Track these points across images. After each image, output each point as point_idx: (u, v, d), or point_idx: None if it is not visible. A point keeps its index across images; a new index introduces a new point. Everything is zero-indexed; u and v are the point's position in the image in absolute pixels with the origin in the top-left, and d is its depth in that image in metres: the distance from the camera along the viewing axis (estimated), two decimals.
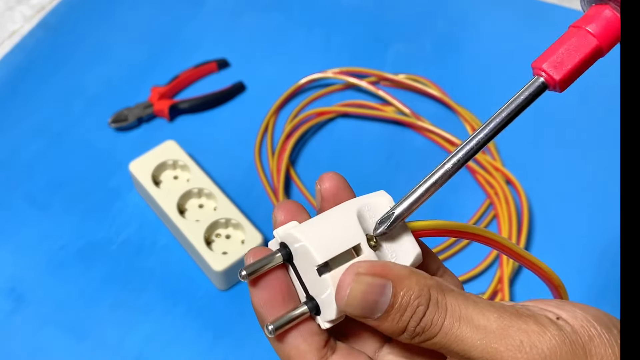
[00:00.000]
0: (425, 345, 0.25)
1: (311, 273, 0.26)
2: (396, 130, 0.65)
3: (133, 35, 0.74)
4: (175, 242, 0.57)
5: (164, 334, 0.52)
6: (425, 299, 0.25)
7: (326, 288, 0.26)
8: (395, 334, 0.25)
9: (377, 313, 0.25)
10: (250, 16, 0.76)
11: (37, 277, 0.55)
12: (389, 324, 0.25)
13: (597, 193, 0.60)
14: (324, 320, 0.27)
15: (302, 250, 0.26)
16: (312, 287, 0.27)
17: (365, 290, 0.25)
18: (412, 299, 0.25)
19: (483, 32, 0.74)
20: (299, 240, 0.26)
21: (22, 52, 0.72)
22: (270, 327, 0.26)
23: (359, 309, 0.25)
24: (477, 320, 0.24)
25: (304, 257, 0.26)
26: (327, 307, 0.26)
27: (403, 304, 0.25)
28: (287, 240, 0.27)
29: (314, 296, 0.27)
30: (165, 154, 0.59)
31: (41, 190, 0.61)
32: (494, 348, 0.24)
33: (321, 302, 0.26)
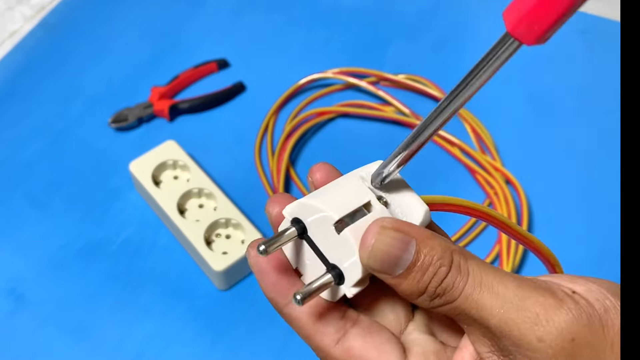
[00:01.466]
0: (443, 310, 0.25)
1: (329, 237, 0.26)
2: (396, 130, 0.65)
3: (133, 35, 0.74)
4: (175, 242, 0.58)
5: (164, 333, 0.52)
6: (448, 261, 0.25)
7: (347, 245, 0.26)
8: (414, 295, 0.25)
9: (399, 269, 0.25)
10: (250, 16, 0.76)
11: (38, 277, 0.55)
12: (409, 282, 0.25)
13: (597, 193, 0.60)
14: (348, 285, 0.26)
15: (316, 216, 0.26)
16: (332, 252, 0.26)
17: (389, 244, 0.25)
18: (435, 259, 0.25)
19: (482, 32, 0.74)
20: (311, 206, 0.26)
21: (22, 52, 0.72)
22: (299, 296, 0.25)
23: (381, 263, 0.25)
24: (497, 288, 0.24)
25: (320, 222, 0.26)
26: (351, 269, 0.26)
27: (425, 263, 0.25)
28: (298, 213, 0.27)
29: (335, 264, 0.26)
30: (165, 154, 0.59)
31: (41, 190, 0.61)
32: (511, 319, 0.24)
33: (344, 266, 0.26)
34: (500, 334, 0.24)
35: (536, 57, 0.71)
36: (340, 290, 0.26)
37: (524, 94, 0.68)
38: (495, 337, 0.24)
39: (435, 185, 0.61)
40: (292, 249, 0.28)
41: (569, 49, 0.71)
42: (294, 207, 0.27)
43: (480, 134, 0.64)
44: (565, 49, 0.71)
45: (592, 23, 0.74)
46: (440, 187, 0.61)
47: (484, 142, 0.63)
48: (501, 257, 0.55)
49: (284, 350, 0.51)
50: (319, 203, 0.26)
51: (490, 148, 0.63)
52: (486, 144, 0.63)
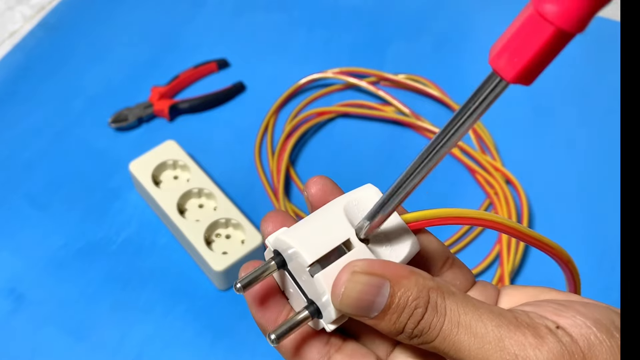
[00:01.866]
0: (423, 347, 0.25)
1: (305, 275, 0.26)
2: (396, 130, 0.65)
3: (133, 35, 0.74)
4: (175, 242, 0.58)
5: (163, 333, 0.52)
6: (424, 301, 0.25)
7: (320, 289, 0.26)
8: (392, 334, 0.25)
9: (374, 312, 0.25)
10: (250, 16, 0.76)
11: (37, 277, 0.55)
12: (385, 323, 0.25)
13: (597, 193, 0.60)
14: (326, 322, 0.26)
15: (293, 254, 0.26)
16: (309, 289, 0.26)
17: (360, 290, 0.25)
18: (410, 300, 0.24)
19: (482, 31, 0.74)
20: (288, 244, 0.26)
21: (22, 52, 0.72)
22: (273, 336, 0.25)
23: (354, 308, 0.25)
24: (476, 327, 0.24)
25: (296, 260, 0.26)
26: (326, 308, 0.26)
27: (400, 305, 0.24)
28: (278, 247, 0.27)
29: (313, 299, 0.26)
30: (165, 153, 0.59)
31: (41, 190, 0.61)
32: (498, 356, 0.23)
33: (320, 304, 0.26)
34: None
35: None
36: (320, 322, 0.27)
37: (523, 94, 0.68)
38: None
39: (435, 185, 0.61)
40: (279, 274, 0.28)
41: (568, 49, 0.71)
42: (274, 239, 0.27)
43: (480, 134, 0.64)
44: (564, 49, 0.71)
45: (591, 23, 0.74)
46: (440, 188, 0.61)
47: (484, 142, 0.63)
48: (501, 256, 0.55)
49: None
50: (295, 243, 0.26)
51: (490, 148, 0.63)
52: (486, 144, 0.63)
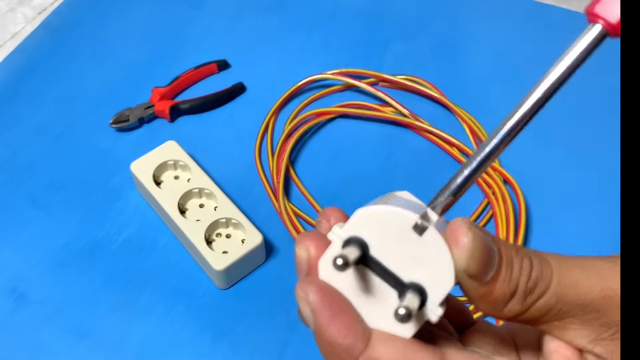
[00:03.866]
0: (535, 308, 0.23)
1: (404, 246, 0.22)
2: (395, 130, 0.66)
3: (134, 36, 0.74)
4: (175, 241, 0.58)
5: (164, 333, 0.53)
6: (525, 252, 0.23)
7: (433, 249, 0.22)
8: (504, 300, 0.23)
9: (491, 271, 0.22)
10: (250, 18, 0.76)
11: (38, 277, 0.56)
12: (500, 285, 0.22)
13: (596, 193, 0.61)
14: (435, 304, 0.22)
15: (385, 226, 0.22)
16: (407, 267, 0.22)
17: (482, 242, 0.22)
18: (514, 254, 0.22)
19: (481, 33, 0.74)
20: (380, 213, 0.22)
21: (23, 53, 0.73)
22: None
23: (480, 262, 0.22)
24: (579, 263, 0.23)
25: (390, 231, 0.22)
26: (437, 281, 0.22)
27: (509, 259, 0.22)
28: (356, 230, 0.23)
29: (409, 282, 0.22)
30: (166, 154, 0.60)
31: (43, 190, 0.61)
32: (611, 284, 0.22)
33: (426, 278, 0.22)
34: (606, 305, 0.22)
35: (535, 58, 0.71)
36: (422, 314, 0.22)
37: (522, 94, 0.68)
38: (599, 314, 0.22)
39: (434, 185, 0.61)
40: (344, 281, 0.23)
41: None
42: (353, 223, 0.23)
43: (479, 134, 0.64)
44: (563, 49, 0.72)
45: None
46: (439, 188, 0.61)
47: (482, 142, 0.64)
48: None
49: (284, 349, 0.52)
50: (392, 207, 0.22)
51: None
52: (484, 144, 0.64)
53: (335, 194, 0.61)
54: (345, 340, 0.22)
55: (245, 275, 0.56)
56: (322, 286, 0.23)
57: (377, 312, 0.23)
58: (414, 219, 0.22)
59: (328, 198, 0.60)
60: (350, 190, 0.61)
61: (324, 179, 0.62)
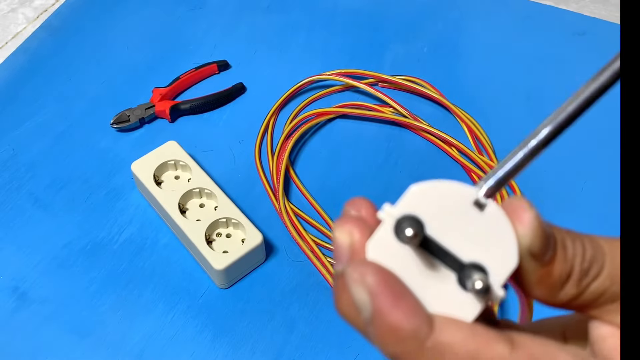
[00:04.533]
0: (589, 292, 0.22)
1: (463, 224, 0.21)
2: (394, 131, 0.66)
3: (135, 37, 0.74)
4: (176, 241, 0.58)
5: (165, 331, 0.53)
6: (577, 234, 0.22)
7: (496, 228, 0.21)
8: (561, 281, 0.22)
9: (550, 249, 0.22)
10: (250, 18, 0.76)
11: (40, 276, 0.56)
12: (557, 266, 0.22)
13: (596, 194, 0.61)
14: (499, 283, 0.21)
15: (443, 202, 0.21)
16: (467, 246, 0.21)
17: (541, 218, 0.21)
18: (566, 235, 0.22)
19: (480, 33, 0.75)
20: (436, 188, 0.21)
21: (25, 53, 0.73)
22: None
23: (543, 239, 0.21)
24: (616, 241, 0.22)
25: (449, 207, 0.21)
26: (499, 259, 0.21)
27: (563, 240, 0.22)
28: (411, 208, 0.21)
29: (470, 262, 0.21)
30: (166, 154, 0.60)
31: (44, 190, 0.61)
32: None
33: (488, 257, 0.21)
34: None
35: (534, 58, 0.71)
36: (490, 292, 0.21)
37: (521, 94, 0.69)
38: None
39: None
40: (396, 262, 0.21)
41: (567, 51, 0.72)
42: (407, 200, 0.21)
43: (477, 135, 0.64)
44: (562, 50, 0.72)
45: (589, 24, 0.75)
46: None
47: (481, 142, 0.64)
48: None
49: (284, 348, 0.52)
50: (447, 182, 0.21)
51: (487, 148, 0.63)
52: (483, 145, 0.64)
53: (335, 193, 0.61)
54: (411, 324, 0.20)
55: (245, 275, 0.56)
56: (379, 268, 0.21)
57: (435, 296, 0.21)
58: (474, 194, 0.21)
59: (328, 198, 0.61)
60: (350, 190, 0.61)
61: (324, 179, 0.62)
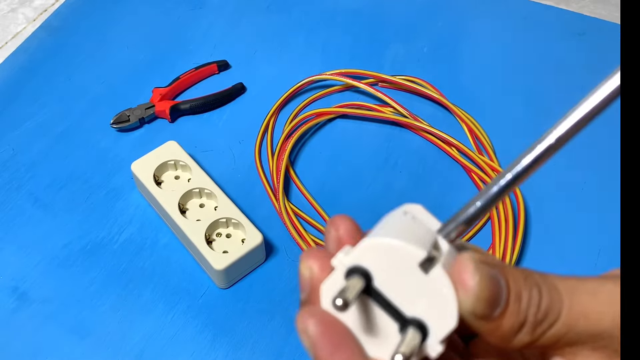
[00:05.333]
0: (545, 338, 0.22)
1: (409, 281, 0.22)
2: (394, 131, 0.66)
3: (135, 37, 0.74)
4: (176, 241, 0.58)
5: (165, 331, 0.53)
6: (534, 282, 0.22)
7: (437, 287, 0.22)
8: (513, 332, 0.22)
9: (499, 307, 0.22)
10: (250, 18, 0.76)
11: (40, 276, 0.56)
12: (508, 319, 0.22)
13: (595, 194, 0.61)
14: (436, 341, 0.22)
15: (390, 259, 0.22)
16: (410, 301, 0.22)
17: (490, 281, 0.21)
18: (523, 284, 0.22)
19: (479, 34, 0.75)
20: (386, 246, 0.22)
21: (25, 53, 0.73)
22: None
23: (486, 303, 0.21)
24: (588, 288, 0.22)
25: (396, 265, 0.22)
26: (439, 318, 0.22)
27: (517, 291, 0.22)
28: (361, 260, 0.23)
29: (411, 317, 0.22)
30: (166, 154, 0.60)
31: (44, 190, 0.61)
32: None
33: (429, 314, 0.22)
34: (618, 332, 0.22)
35: (534, 59, 0.71)
36: (422, 349, 0.22)
37: (521, 95, 0.69)
38: (612, 340, 0.22)
39: (433, 185, 0.62)
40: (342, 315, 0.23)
41: (566, 51, 0.72)
42: (358, 253, 0.22)
43: (478, 135, 0.64)
44: (562, 50, 0.72)
45: (589, 24, 0.75)
46: (438, 188, 0.61)
47: (481, 142, 0.64)
48: None
49: (284, 348, 0.52)
50: (398, 241, 0.22)
51: (487, 149, 0.63)
52: (483, 144, 0.64)
53: (335, 193, 0.61)
54: None
55: (245, 275, 0.56)
56: (322, 318, 0.22)
57: (379, 344, 0.23)
58: (420, 256, 0.22)
59: (327, 198, 0.61)
60: (350, 190, 0.61)
61: (324, 179, 0.62)
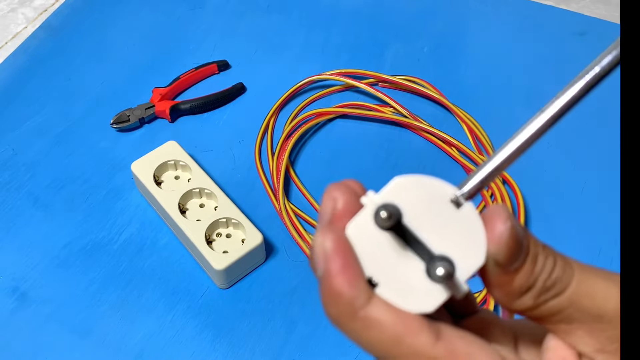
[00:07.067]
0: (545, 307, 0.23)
1: (439, 219, 0.22)
2: (394, 131, 0.66)
3: (135, 37, 0.74)
4: (176, 241, 0.58)
5: (165, 331, 0.53)
6: (552, 252, 0.23)
7: (468, 225, 0.22)
8: (520, 292, 0.23)
9: (517, 262, 0.22)
10: (250, 18, 0.76)
11: (40, 276, 0.56)
12: (520, 277, 0.22)
13: (595, 193, 0.61)
14: (463, 278, 0.22)
15: (423, 196, 0.22)
16: (440, 239, 0.22)
17: (516, 233, 0.22)
18: (541, 251, 0.23)
19: (480, 33, 0.75)
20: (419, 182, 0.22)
21: (24, 53, 0.73)
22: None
23: (511, 252, 0.22)
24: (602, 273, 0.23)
25: (427, 202, 0.22)
26: (467, 257, 0.22)
27: (535, 254, 0.22)
28: (392, 198, 0.23)
29: (440, 254, 0.22)
30: (166, 154, 0.60)
31: (44, 190, 0.61)
32: None
33: (457, 252, 0.22)
34: (617, 319, 0.22)
35: (534, 58, 0.71)
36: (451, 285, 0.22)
37: (521, 94, 0.69)
38: (609, 326, 0.22)
39: None
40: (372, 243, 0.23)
41: (567, 51, 0.72)
42: (389, 190, 0.23)
43: (478, 135, 0.64)
44: (562, 50, 0.72)
45: (589, 24, 0.75)
46: None
47: (481, 142, 0.64)
48: None
49: (283, 348, 0.52)
50: (429, 177, 0.22)
51: (487, 148, 0.63)
52: (483, 145, 0.64)
53: None
54: (350, 292, 0.22)
55: (245, 275, 0.56)
56: (340, 236, 0.23)
57: (398, 280, 0.23)
58: (453, 192, 0.22)
59: None
60: None
61: (324, 179, 0.62)
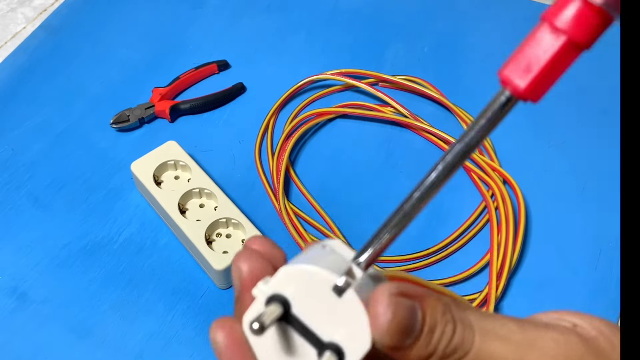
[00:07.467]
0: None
1: (325, 306, 0.23)
2: (394, 130, 0.66)
3: (134, 36, 0.74)
4: (176, 241, 0.58)
5: (165, 331, 0.53)
6: (451, 317, 0.23)
7: (353, 314, 0.23)
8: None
9: (411, 338, 0.23)
10: (250, 18, 0.76)
11: (39, 276, 0.56)
12: (417, 349, 0.23)
13: (596, 193, 0.61)
14: (356, 356, 0.23)
15: (307, 285, 0.23)
16: (327, 326, 0.23)
17: (402, 315, 0.22)
18: (439, 318, 0.23)
19: (480, 33, 0.75)
20: (301, 272, 0.23)
21: (24, 53, 0.73)
22: None
23: (397, 335, 0.22)
24: (503, 333, 0.23)
25: (311, 291, 0.23)
26: (354, 342, 0.23)
27: (432, 325, 0.23)
28: (278, 288, 0.24)
29: (328, 342, 0.23)
30: (166, 154, 0.60)
31: (44, 190, 0.61)
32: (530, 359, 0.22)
33: (343, 341, 0.23)
34: None
35: None
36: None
37: None
38: None
39: None
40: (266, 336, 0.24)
41: None
42: (276, 281, 0.24)
43: None
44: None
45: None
46: None
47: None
48: (491, 275, 0.55)
49: None
50: (314, 267, 0.23)
51: (487, 148, 0.63)
52: (483, 145, 0.64)
53: (335, 193, 0.61)
54: None
55: None
56: (232, 332, 0.24)
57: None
58: (333, 281, 0.23)
59: (327, 198, 0.61)
60: (350, 190, 0.61)
61: (324, 179, 0.62)
